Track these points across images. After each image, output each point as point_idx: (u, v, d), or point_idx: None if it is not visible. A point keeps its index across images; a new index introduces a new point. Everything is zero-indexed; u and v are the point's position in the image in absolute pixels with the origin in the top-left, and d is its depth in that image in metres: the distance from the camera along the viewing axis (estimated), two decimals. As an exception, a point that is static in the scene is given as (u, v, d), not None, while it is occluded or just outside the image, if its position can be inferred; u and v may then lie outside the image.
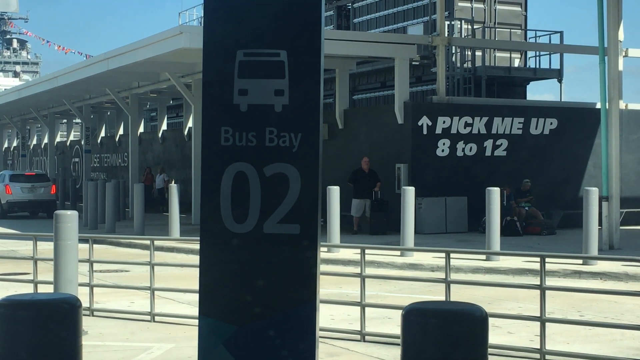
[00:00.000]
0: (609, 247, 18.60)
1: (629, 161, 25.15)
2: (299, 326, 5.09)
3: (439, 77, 24.20)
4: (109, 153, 42.40)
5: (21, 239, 20.58)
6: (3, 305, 5.47)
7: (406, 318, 5.18)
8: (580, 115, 25.06)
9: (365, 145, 24.50)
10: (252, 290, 5.12)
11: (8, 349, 5.39)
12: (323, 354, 8.74)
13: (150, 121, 46.72)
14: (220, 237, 5.16)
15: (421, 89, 29.87)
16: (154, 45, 23.64)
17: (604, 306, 12.03)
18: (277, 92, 5.12)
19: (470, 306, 5.35)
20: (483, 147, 23.83)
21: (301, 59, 5.11)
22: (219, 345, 5.15)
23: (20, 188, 32.99)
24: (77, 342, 5.54)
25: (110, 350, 9.45)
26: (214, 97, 5.21)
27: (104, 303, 12.24)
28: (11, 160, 57.09)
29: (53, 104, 42.60)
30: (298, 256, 5.10)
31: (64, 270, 10.45)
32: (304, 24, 5.13)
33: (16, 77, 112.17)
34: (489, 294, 12.68)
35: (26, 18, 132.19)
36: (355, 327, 10.10)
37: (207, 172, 5.22)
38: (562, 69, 29.96)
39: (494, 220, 16.45)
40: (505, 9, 32.85)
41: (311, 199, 5.10)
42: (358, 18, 37.08)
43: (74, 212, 10.83)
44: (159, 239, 12.27)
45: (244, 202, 5.14)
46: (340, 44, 22.94)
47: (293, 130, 5.11)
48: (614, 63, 19.33)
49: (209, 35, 5.23)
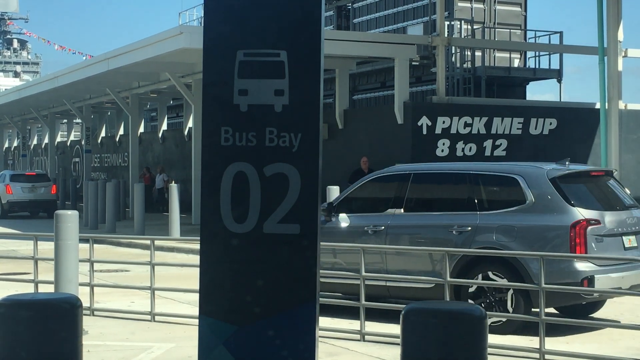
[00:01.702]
0: (609, 247, 18.59)
1: (628, 161, 25.15)
2: (299, 326, 5.10)
3: (439, 77, 24.20)
4: (110, 153, 42.41)
5: (22, 239, 20.57)
6: (3, 305, 5.47)
7: (406, 318, 5.18)
8: (580, 116, 25.06)
9: (365, 145, 24.51)
10: (252, 290, 5.13)
11: (8, 349, 5.39)
12: (323, 354, 8.75)
13: (150, 121, 46.72)
14: (220, 237, 5.16)
15: (421, 89, 29.87)
16: (154, 45, 23.66)
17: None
18: (277, 92, 5.13)
19: (470, 306, 5.36)
20: (483, 147, 23.83)
21: (301, 59, 5.12)
22: (219, 345, 5.16)
23: (21, 188, 33.01)
24: (78, 342, 5.55)
25: (111, 350, 9.46)
26: (214, 97, 5.22)
27: (104, 303, 12.25)
28: (12, 160, 57.11)
29: (53, 104, 42.60)
30: (298, 256, 5.11)
31: (65, 270, 10.46)
32: (304, 24, 5.13)
33: (16, 77, 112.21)
34: (489, 294, 12.66)
35: (26, 18, 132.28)
36: (355, 326, 10.11)
37: (207, 172, 5.22)
38: (561, 69, 29.97)
39: (493, 220, 16.42)
40: (505, 9, 32.85)
41: (311, 199, 5.11)
42: (358, 18, 37.08)
43: (75, 212, 10.83)
44: (160, 238, 12.26)
45: (244, 202, 5.14)
46: (340, 44, 22.95)
47: (293, 130, 5.12)
48: (614, 63, 19.35)
49: (209, 35, 5.24)
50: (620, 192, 10.94)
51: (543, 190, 10.16)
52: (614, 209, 10.52)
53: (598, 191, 10.89)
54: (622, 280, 10.00)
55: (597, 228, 9.97)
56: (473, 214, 10.49)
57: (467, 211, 10.56)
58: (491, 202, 10.58)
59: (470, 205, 10.58)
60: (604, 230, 10.04)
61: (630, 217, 10.49)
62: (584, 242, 9.79)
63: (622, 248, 10.22)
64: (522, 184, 10.26)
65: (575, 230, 9.81)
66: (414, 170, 11.53)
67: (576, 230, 9.81)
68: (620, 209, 10.56)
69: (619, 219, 10.33)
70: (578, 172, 10.76)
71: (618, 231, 10.22)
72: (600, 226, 10.01)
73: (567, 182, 10.33)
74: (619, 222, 10.30)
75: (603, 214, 10.18)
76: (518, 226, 10.17)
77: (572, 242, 9.80)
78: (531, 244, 10.05)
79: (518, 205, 10.22)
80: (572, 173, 10.54)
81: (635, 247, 10.39)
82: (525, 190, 10.22)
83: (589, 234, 9.86)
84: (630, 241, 10.32)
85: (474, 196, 10.60)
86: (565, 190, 10.15)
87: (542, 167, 10.57)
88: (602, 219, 10.09)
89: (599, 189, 10.95)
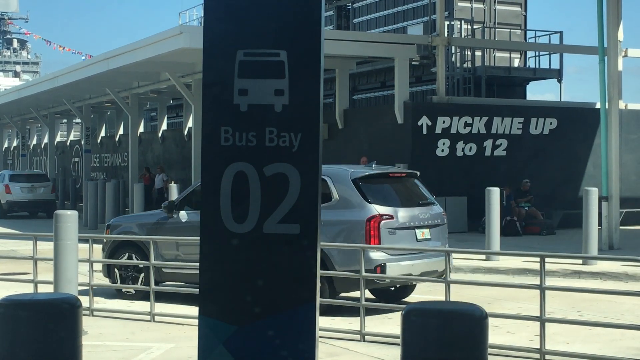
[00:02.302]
0: (609, 247, 18.62)
1: (628, 161, 25.16)
2: (299, 326, 5.09)
3: (439, 77, 24.21)
4: (109, 153, 42.40)
5: (21, 239, 20.56)
6: (3, 305, 5.47)
7: (406, 318, 5.18)
8: (580, 115, 25.07)
9: (365, 145, 24.51)
10: (252, 290, 5.13)
11: (8, 349, 5.39)
12: (323, 354, 8.74)
13: (150, 121, 46.71)
14: (220, 237, 5.16)
15: (421, 89, 29.88)
16: (154, 45, 23.66)
17: (603, 306, 12.03)
18: (277, 92, 5.12)
19: (470, 306, 5.35)
20: (483, 147, 23.84)
21: (301, 59, 5.12)
22: (219, 345, 5.15)
23: (20, 188, 33.01)
24: (77, 342, 5.55)
25: (110, 350, 9.46)
26: (214, 97, 5.21)
27: (104, 303, 12.25)
28: (11, 160, 57.10)
29: (53, 104, 42.60)
30: (298, 256, 5.11)
31: (64, 270, 10.45)
32: (304, 24, 5.13)
33: (16, 77, 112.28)
34: (489, 294, 12.69)
35: (26, 18, 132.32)
36: (355, 327, 10.11)
37: (207, 172, 5.22)
38: (561, 69, 29.97)
39: (493, 220, 16.47)
40: (505, 9, 32.86)
41: (311, 199, 5.10)
42: (358, 18, 37.08)
43: (74, 212, 10.83)
44: (159, 238, 12.31)
45: (244, 202, 5.14)
46: (340, 44, 22.95)
47: (293, 130, 5.12)
48: (614, 63, 19.34)
49: (209, 35, 5.23)
50: (420, 191, 12.44)
51: (346, 190, 11.55)
52: (409, 205, 11.97)
53: (396, 190, 12.32)
54: (412, 268, 11.45)
55: (390, 222, 11.36)
56: None
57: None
58: None
59: None
60: (397, 224, 11.44)
61: (424, 213, 11.90)
62: (377, 234, 11.18)
63: (415, 240, 11.65)
64: (330, 183, 11.55)
65: (370, 224, 11.18)
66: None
67: (371, 224, 11.18)
68: (415, 206, 11.97)
69: (412, 215, 11.73)
70: (379, 173, 12.09)
71: (411, 225, 11.65)
72: (393, 220, 11.40)
73: (367, 182, 11.71)
74: (412, 217, 11.70)
75: (397, 210, 11.58)
76: (325, 221, 11.02)
77: (367, 234, 11.16)
78: (335, 236, 11.30)
79: (326, 202, 11.23)
80: (373, 174, 11.93)
81: (430, 239, 11.83)
82: (332, 189, 11.56)
83: (382, 227, 11.25)
84: (423, 234, 11.76)
85: None
86: (364, 190, 11.53)
87: (347, 170, 12.07)
88: (396, 214, 11.49)
89: (399, 189, 12.41)
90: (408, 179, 12.65)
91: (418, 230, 11.69)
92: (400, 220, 11.49)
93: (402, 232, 11.48)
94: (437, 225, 12.02)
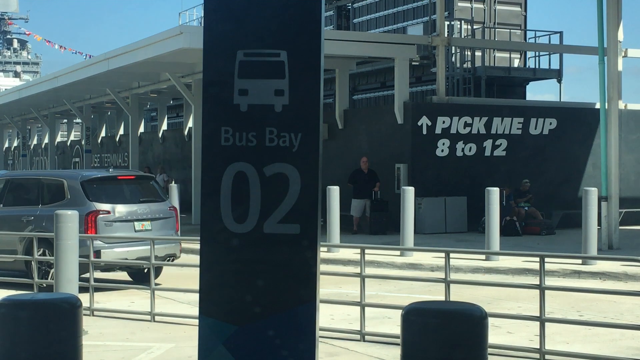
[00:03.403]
0: (608, 247, 18.61)
1: (628, 161, 25.15)
2: (299, 326, 5.10)
3: (439, 77, 24.19)
4: (109, 153, 42.39)
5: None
6: (3, 305, 5.48)
7: (406, 318, 5.19)
8: (580, 116, 25.06)
9: (365, 145, 24.51)
10: (252, 290, 5.13)
11: (8, 349, 5.40)
12: (323, 354, 8.75)
13: (150, 121, 46.71)
14: (220, 237, 5.17)
15: (421, 89, 29.88)
16: (154, 46, 23.65)
17: (603, 306, 12.04)
18: (277, 92, 5.13)
19: (470, 306, 5.36)
20: (482, 147, 23.83)
21: (301, 59, 5.12)
22: (219, 345, 5.15)
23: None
24: (77, 342, 5.55)
25: (110, 350, 9.46)
26: (214, 97, 5.22)
27: (104, 303, 12.25)
28: (12, 160, 57.09)
29: (53, 104, 42.59)
30: (298, 256, 5.11)
31: (65, 270, 10.46)
32: (304, 24, 5.13)
33: (17, 77, 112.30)
34: (489, 294, 12.69)
35: (26, 18, 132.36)
36: (355, 327, 10.11)
37: (207, 172, 5.22)
38: (561, 69, 29.97)
39: (493, 220, 16.46)
40: (505, 9, 32.86)
41: (311, 199, 5.11)
42: (358, 18, 37.09)
43: (75, 212, 10.85)
44: (159, 238, 12.36)
45: (244, 202, 5.14)
46: (340, 44, 22.94)
47: (293, 130, 5.12)
48: (614, 63, 19.33)
49: (209, 36, 5.24)
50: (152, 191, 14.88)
51: (75, 190, 13.98)
52: (130, 202, 14.28)
53: (121, 190, 14.53)
54: (127, 253, 13.71)
55: (107, 216, 13.73)
56: (37, 207, 14.35)
57: (34, 205, 14.43)
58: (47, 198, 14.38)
59: (36, 200, 14.48)
60: (114, 218, 13.81)
61: (145, 208, 14.30)
62: (94, 226, 13.53)
63: (133, 230, 13.97)
64: (65, 185, 14.12)
65: (88, 218, 13.49)
66: (10, 176, 15.92)
67: (89, 218, 13.50)
68: (135, 203, 14.31)
69: (131, 210, 14.12)
70: (107, 176, 14.64)
71: (129, 218, 14.03)
72: (110, 215, 13.76)
73: (94, 184, 14.16)
74: (131, 212, 14.08)
75: (115, 206, 13.91)
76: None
77: (86, 226, 13.40)
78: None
79: (61, 200, 13.92)
80: (102, 177, 14.56)
81: (150, 230, 14.11)
82: (66, 189, 14.08)
83: (99, 221, 13.63)
84: (143, 225, 14.12)
85: (39, 194, 14.53)
86: (89, 190, 13.93)
87: (79, 174, 14.97)
88: (114, 210, 13.86)
89: (125, 189, 14.62)
90: (142, 181, 15.26)
91: (137, 223, 14.06)
92: (117, 214, 13.85)
93: (119, 224, 13.86)
94: (159, 219, 14.39)
